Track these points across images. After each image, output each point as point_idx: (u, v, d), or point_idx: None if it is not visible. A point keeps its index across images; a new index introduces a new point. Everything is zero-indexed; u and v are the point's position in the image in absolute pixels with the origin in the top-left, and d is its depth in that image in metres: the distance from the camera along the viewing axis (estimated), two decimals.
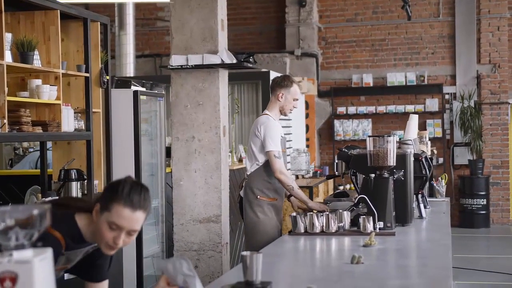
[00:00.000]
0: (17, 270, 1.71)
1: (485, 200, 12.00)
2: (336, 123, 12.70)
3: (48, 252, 1.78)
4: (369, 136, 4.39)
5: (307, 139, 12.08)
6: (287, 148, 9.86)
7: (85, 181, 5.52)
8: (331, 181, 10.75)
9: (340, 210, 4.27)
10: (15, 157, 8.54)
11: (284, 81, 5.17)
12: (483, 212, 12.01)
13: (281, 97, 5.13)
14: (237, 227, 7.40)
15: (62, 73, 5.20)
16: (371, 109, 12.58)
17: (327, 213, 4.27)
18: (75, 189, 5.35)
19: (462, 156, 12.34)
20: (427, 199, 5.53)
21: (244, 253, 2.71)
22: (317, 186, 9.31)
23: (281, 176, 4.98)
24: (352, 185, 5.79)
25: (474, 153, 12.11)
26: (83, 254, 2.72)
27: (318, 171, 10.60)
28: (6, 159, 8.77)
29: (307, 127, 12.15)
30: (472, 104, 12.13)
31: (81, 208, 2.66)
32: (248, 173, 5.22)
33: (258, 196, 5.09)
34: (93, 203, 2.61)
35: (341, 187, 10.19)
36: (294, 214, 4.28)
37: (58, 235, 2.54)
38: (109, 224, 2.51)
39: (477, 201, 11.97)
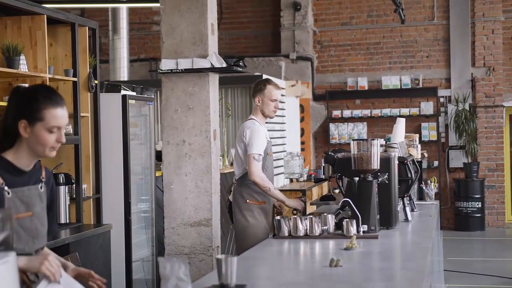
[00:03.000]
0: None
1: (480, 203, 12.00)
2: (332, 126, 12.71)
3: (11, 256, 1.80)
4: (353, 140, 4.40)
5: (303, 143, 12.10)
6: (281, 151, 9.95)
7: (73, 185, 5.53)
8: (325, 184, 10.75)
9: (325, 214, 4.28)
10: None
11: (258, 85, 5.29)
12: (478, 215, 12.02)
13: (259, 101, 5.25)
14: (228, 231, 7.42)
15: (50, 78, 5.21)
16: (366, 112, 12.59)
17: (311, 216, 4.29)
18: (63, 193, 5.36)
19: (457, 159, 12.35)
20: (415, 203, 5.54)
21: (219, 256, 2.74)
22: (310, 190, 9.31)
23: (256, 179, 5.06)
24: None
25: (469, 156, 12.11)
26: (38, 195, 2.75)
27: (313, 175, 10.59)
28: None
29: (303, 130, 12.17)
30: (467, 107, 12.14)
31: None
32: (236, 178, 5.27)
33: (248, 200, 5.15)
34: (11, 127, 2.66)
35: (337, 191, 10.19)
36: (278, 217, 4.29)
37: None
38: (48, 129, 2.65)
39: (472, 204, 11.98)
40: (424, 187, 6.33)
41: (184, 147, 5.46)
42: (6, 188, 2.61)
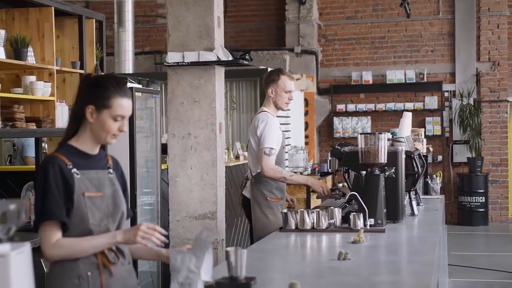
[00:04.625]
0: None
1: (483, 197, 12.01)
2: (336, 120, 12.71)
3: (26, 246, 1.81)
4: (361, 134, 4.40)
5: (307, 136, 12.10)
6: (285, 145, 9.91)
7: None
8: (330, 178, 10.76)
9: (332, 207, 4.29)
10: (14, 153, 8.58)
11: (271, 76, 5.16)
12: (482, 209, 12.02)
13: (272, 92, 5.13)
14: (233, 224, 7.43)
15: (57, 70, 5.22)
16: (371, 106, 12.60)
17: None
18: None
19: (461, 154, 12.35)
20: (421, 197, 5.54)
21: (228, 249, 2.74)
22: None
23: (267, 174, 4.96)
24: None
25: (473, 150, 12.11)
26: (107, 179, 2.83)
27: (317, 168, 10.59)
28: (5, 156, 8.80)
29: (307, 124, 12.17)
30: (471, 102, 12.13)
31: (66, 137, 2.83)
32: (253, 174, 5.15)
33: (268, 198, 5.07)
34: (78, 111, 2.76)
35: (340, 185, 10.17)
36: (285, 210, 4.30)
37: (56, 154, 2.75)
38: (113, 117, 2.76)
39: (475, 198, 11.98)
40: (429, 182, 6.33)
41: (190, 140, 5.45)
42: (74, 170, 2.71)
